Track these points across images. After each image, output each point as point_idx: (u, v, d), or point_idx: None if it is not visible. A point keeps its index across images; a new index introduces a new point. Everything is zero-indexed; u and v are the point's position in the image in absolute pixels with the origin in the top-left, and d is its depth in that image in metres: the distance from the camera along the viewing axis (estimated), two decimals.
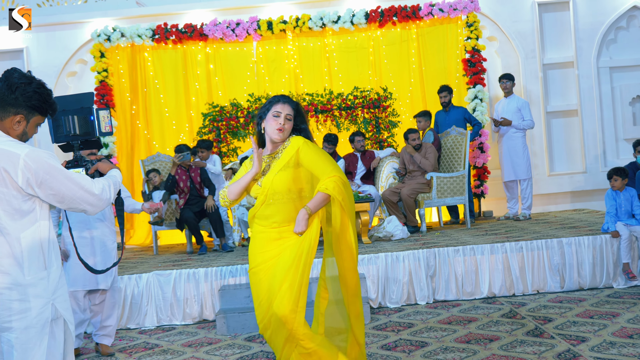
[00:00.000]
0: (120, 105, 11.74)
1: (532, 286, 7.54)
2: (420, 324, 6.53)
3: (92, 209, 3.22)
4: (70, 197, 3.10)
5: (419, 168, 9.78)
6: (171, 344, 6.63)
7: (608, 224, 7.66)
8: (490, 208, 11.78)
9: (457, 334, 6.00)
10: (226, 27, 11.51)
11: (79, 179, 3.13)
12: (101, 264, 6.22)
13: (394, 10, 11.47)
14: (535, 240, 7.63)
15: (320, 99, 11.05)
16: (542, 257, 7.55)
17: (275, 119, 4.19)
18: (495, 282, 7.52)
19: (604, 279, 7.54)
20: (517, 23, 12.19)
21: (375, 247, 8.24)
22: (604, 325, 5.88)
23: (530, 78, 12.19)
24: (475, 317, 6.59)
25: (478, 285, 7.54)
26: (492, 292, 7.51)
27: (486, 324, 6.27)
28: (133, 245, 11.67)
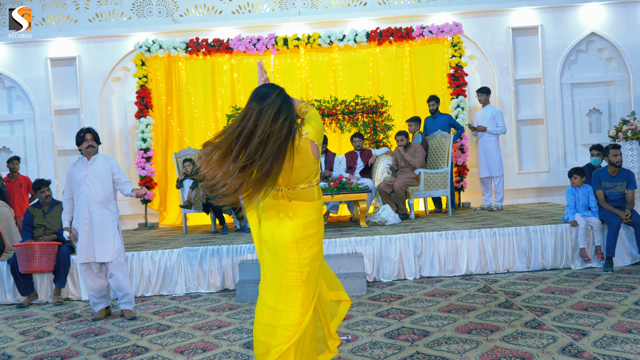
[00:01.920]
0: (157, 106, 11.74)
1: (503, 266, 7.55)
2: (409, 296, 6.54)
3: None
4: None
5: (409, 165, 9.78)
6: (197, 308, 6.66)
7: (568, 215, 7.67)
8: (468, 200, 11.81)
9: (440, 305, 6.01)
10: (248, 42, 11.52)
11: None
12: (100, 240, 6.24)
13: (391, 31, 11.45)
14: (507, 227, 7.63)
15: (327, 104, 11.04)
16: (512, 242, 7.56)
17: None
18: (472, 262, 7.54)
19: (563, 261, 7.55)
20: (493, 44, 12.18)
21: (371, 230, 8.25)
22: (564, 300, 5.89)
23: (504, 91, 12.17)
24: (455, 291, 6.60)
25: (457, 264, 7.56)
26: (469, 270, 7.53)
27: (464, 297, 6.29)
28: (166, 225, 11.71)
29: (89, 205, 6.25)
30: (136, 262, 7.59)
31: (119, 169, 6.45)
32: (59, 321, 6.51)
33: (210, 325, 5.84)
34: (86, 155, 6.37)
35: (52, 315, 6.80)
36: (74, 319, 6.60)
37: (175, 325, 5.96)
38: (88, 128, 6.41)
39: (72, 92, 12.38)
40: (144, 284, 7.60)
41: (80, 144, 6.34)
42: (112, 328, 6.05)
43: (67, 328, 6.17)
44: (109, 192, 6.37)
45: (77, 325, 6.25)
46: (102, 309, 6.54)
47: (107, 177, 6.36)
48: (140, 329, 5.93)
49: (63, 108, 12.35)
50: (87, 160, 6.36)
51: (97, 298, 6.48)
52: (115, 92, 12.46)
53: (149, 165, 11.32)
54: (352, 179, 9.82)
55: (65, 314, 6.84)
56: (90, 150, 6.36)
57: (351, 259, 7.20)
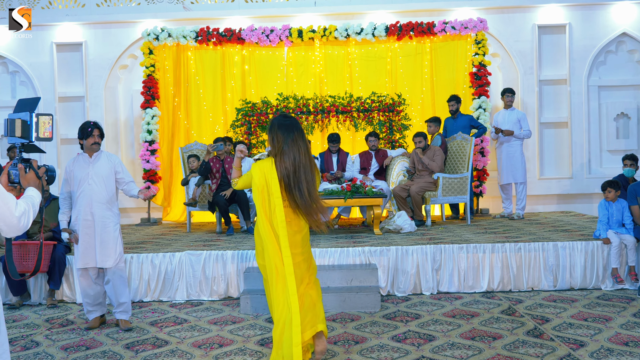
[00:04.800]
0: (164, 97, 11.29)
1: (527, 284, 7.03)
2: (426, 315, 6.03)
3: (7, 230, 2.75)
4: None
5: (427, 168, 9.28)
6: (198, 319, 6.18)
7: (600, 231, 7.12)
8: (486, 206, 11.27)
9: (461, 329, 5.49)
10: (261, 33, 11.02)
11: (7, 197, 2.72)
12: (102, 244, 5.78)
13: (411, 26, 10.94)
14: (533, 242, 7.10)
15: (341, 101, 10.55)
16: (538, 258, 7.02)
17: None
18: (494, 278, 7.01)
19: (593, 281, 7.01)
20: (518, 42, 11.62)
21: (386, 239, 7.74)
22: (599, 330, 5.35)
23: (528, 92, 11.62)
24: (477, 312, 6.08)
25: (478, 280, 7.03)
26: (491, 287, 7.00)
27: (487, 320, 5.76)
28: (169, 221, 11.28)
29: (91, 206, 5.77)
30: (135, 265, 7.12)
31: (122, 168, 5.96)
32: (50, 328, 6.04)
33: (211, 343, 5.36)
34: (89, 151, 5.87)
35: (44, 321, 6.34)
36: (66, 326, 6.13)
37: (173, 340, 5.47)
38: (95, 122, 5.89)
39: (78, 79, 11.91)
40: (143, 288, 7.12)
41: (85, 138, 5.83)
42: (105, 340, 5.57)
43: (58, 338, 5.70)
44: (112, 193, 5.89)
45: (69, 335, 5.78)
46: (96, 317, 6.06)
47: (110, 176, 5.88)
48: (135, 343, 5.45)
49: (68, 95, 11.89)
50: (89, 157, 5.87)
51: (92, 305, 6.00)
52: (122, 80, 12.00)
53: (153, 158, 10.86)
54: (366, 181, 9.32)
55: (58, 319, 6.38)
56: (95, 147, 5.86)
57: (365, 271, 6.70)
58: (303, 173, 4.39)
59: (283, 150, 4.38)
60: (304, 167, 4.40)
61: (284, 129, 4.42)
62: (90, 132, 5.80)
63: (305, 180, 4.39)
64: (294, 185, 4.36)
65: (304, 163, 4.41)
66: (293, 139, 4.40)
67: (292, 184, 4.36)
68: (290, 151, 4.37)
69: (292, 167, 4.36)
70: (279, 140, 4.41)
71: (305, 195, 4.36)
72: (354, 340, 5.28)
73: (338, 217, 9.80)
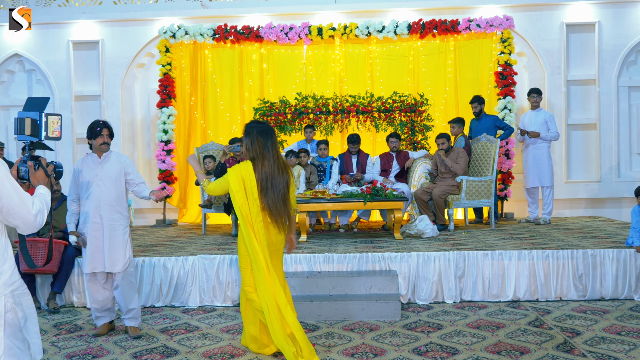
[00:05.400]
0: (180, 96, 11.08)
1: (555, 293, 6.69)
2: (449, 326, 5.75)
3: (23, 227, 2.82)
4: (9, 210, 2.73)
5: (450, 171, 8.99)
6: (210, 327, 5.95)
7: (633, 238, 6.76)
8: (511, 210, 10.93)
9: (486, 342, 5.19)
10: (280, 30, 10.78)
11: (25, 196, 2.79)
12: (110, 248, 5.56)
13: (435, 24, 10.63)
14: (561, 249, 6.77)
15: (362, 101, 10.26)
16: (567, 266, 6.69)
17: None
18: (521, 287, 6.70)
19: (625, 291, 6.65)
20: (545, 41, 11.27)
21: (407, 244, 7.46)
22: (634, 345, 5.03)
23: (555, 92, 11.26)
24: (503, 323, 5.78)
25: (504, 289, 6.72)
26: (517, 296, 6.69)
27: (514, 333, 5.46)
28: (185, 222, 11.07)
29: (99, 208, 5.55)
30: (147, 269, 6.91)
31: (132, 169, 5.74)
32: (57, 334, 5.85)
33: (223, 353, 5.12)
34: (98, 152, 5.66)
35: (51, 326, 6.14)
36: (74, 332, 5.93)
37: (182, 350, 5.24)
38: (104, 122, 5.67)
39: (94, 77, 11.75)
40: (155, 293, 6.91)
41: (94, 138, 5.62)
42: (112, 349, 5.36)
43: (64, 345, 5.50)
44: (121, 194, 5.67)
45: (76, 342, 5.58)
46: (105, 323, 5.85)
47: (120, 177, 5.66)
48: (143, 352, 5.23)
49: (84, 94, 11.73)
50: (98, 157, 5.66)
51: (100, 311, 5.79)
52: (139, 79, 11.83)
53: (169, 158, 10.67)
54: (387, 183, 9.04)
55: (66, 325, 6.19)
56: (104, 148, 5.64)
57: (384, 278, 6.42)
58: (279, 175, 4.73)
59: (263, 154, 4.71)
60: (281, 170, 4.75)
61: (264, 134, 4.74)
62: (99, 132, 5.59)
63: (281, 183, 4.73)
64: (271, 187, 4.69)
65: (280, 166, 4.76)
66: (272, 143, 4.75)
67: (268, 186, 4.68)
68: (270, 155, 4.72)
69: (271, 170, 4.70)
70: (259, 145, 4.72)
71: (279, 198, 4.70)
72: (372, 353, 5.01)
73: (357, 220, 9.53)
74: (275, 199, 4.69)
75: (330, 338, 5.46)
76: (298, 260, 6.83)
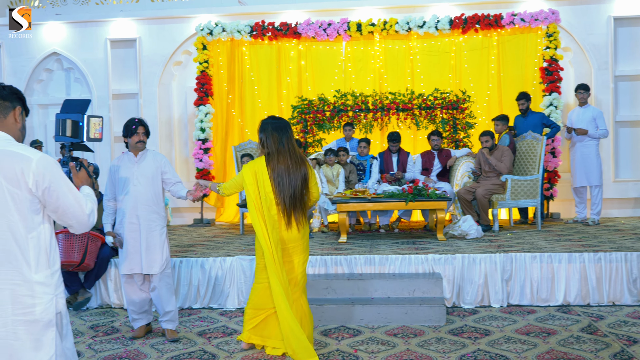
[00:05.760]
0: (217, 94, 10.98)
1: (608, 297, 6.40)
2: (497, 331, 5.51)
3: (77, 227, 2.90)
4: (65, 209, 2.80)
5: (494, 170, 8.72)
6: None
7: None
8: (557, 209, 10.60)
9: (538, 350, 4.95)
10: (318, 26, 10.60)
11: (80, 196, 2.87)
12: (147, 249, 5.45)
13: (477, 18, 10.36)
14: (615, 252, 6.47)
15: (402, 98, 10.04)
16: (620, 269, 6.39)
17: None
18: (571, 291, 6.42)
19: None
20: (591, 35, 10.90)
21: (450, 246, 7.23)
22: None
23: (602, 88, 10.89)
24: (554, 330, 5.52)
25: (553, 293, 6.45)
26: (567, 300, 6.42)
27: (567, 340, 5.20)
28: (222, 222, 10.97)
29: (136, 208, 5.44)
30: (184, 270, 6.80)
31: (169, 168, 5.62)
32: (94, 337, 5.76)
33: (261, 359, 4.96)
34: (134, 150, 5.55)
35: (88, 328, 6.07)
36: (110, 334, 5.84)
37: (221, 355, 5.10)
38: (140, 120, 5.56)
39: (131, 75, 11.73)
40: (192, 294, 6.80)
41: (129, 136, 5.50)
42: (149, 352, 5.24)
43: (101, 348, 5.40)
44: (158, 194, 5.55)
45: (112, 345, 5.48)
46: (142, 325, 5.74)
47: (157, 176, 5.54)
48: (181, 356, 5.10)
49: (122, 92, 11.71)
50: (134, 156, 5.55)
51: (137, 314, 5.69)
52: (176, 77, 11.77)
53: (206, 157, 10.58)
54: (429, 182, 8.81)
55: (103, 327, 6.11)
56: (140, 146, 5.52)
57: (428, 281, 6.21)
58: (296, 171, 4.74)
59: (278, 149, 4.74)
60: (297, 165, 4.76)
61: (279, 130, 4.77)
62: (134, 130, 5.48)
63: (298, 178, 4.76)
64: (287, 182, 4.72)
65: (297, 161, 4.78)
66: (288, 138, 4.76)
67: (284, 182, 4.71)
68: (285, 150, 4.74)
69: (286, 165, 4.72)
70: (274, 141, 4.74)
71: (293, 193, 4.73)
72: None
73: (398, 220, 9.31)
74: (289, 195, 4.72)
75: (374, 344, 5.27)
76: (339, 262, 6.65)
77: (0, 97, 2.84)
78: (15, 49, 11.75)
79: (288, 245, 4.84)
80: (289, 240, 4.83)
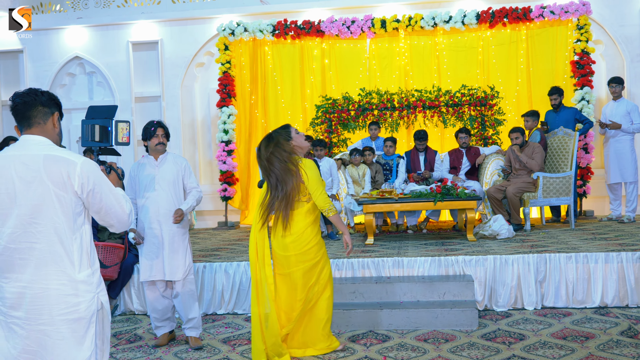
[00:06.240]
0: (240, 95, 10.88)
1: None
2: (532, 335, 5.32)
3: (118, 226, 3.00)
4: (107, 210, 2.92)
5: (525, 167, 8.51)
6: None
7: None
8: (590, 207, 10.33)
9: (576, 355, 4.75)
10: (342, 24, 10.45)
11: (120, 196, 2.98)
12: (170, 255, 5.34)
13: (505, 12, 10.13)
14: None
15: (429, 95, 9.85)
16: None
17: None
18: (609, 292, 6.19)
19: None
20: (623, 27, 10.62)
21: (481, 246, 7.04)
22: None
23: (635, 81, 10.59)
24: (592, 333, 5.32)
25: (589, 294, 6.23)
26: (604, 302, 6.19)
27: (606, 344, 5.00)
28: (247, 224, 10.84)
29: (158, 213, 5.34)
30: (208, 274, 6.70)
31: (190, 172, 5.53)
32: (117, 345, 5.68)
33: None
34: (154, 153, 5.46)
35: (112, 335, 5.97)
36: (133, 342, 5.76)
37: None
38: (159, 122, 5.48)
39: (154, 78, 11.68)
40: (217, 300, 6.69)
41: (148, 139, 5.42)
42: None
43: (123, 357, 5.32)
44: (180, 198, 5.45)
45: (135, 354, 5.40)
46: (165, 333, 5.64)
47: (178, 180, 5.44)
48: None
49: (144, 95, 11.67)
50: (155, 159, 5.45)
51: (160, 321, 5.59)
52: (199, 79, 11.70)
53: (230, 159, 10.49)
54: (457, 181, 8.63)
55: (126, 334, 6.03)
56: (160, 148, 5.44)
57: (459, 283, 6.03)
58: (288, 177, 4.83)
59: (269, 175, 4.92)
60: (290, 172, 4.86)
61: (263, 144, 4.99)
62: (153, 132, 5.39)
63: (290, 183, 4.82)
64: (280, 189, 4.84)
65: (289, 168, 4.86)
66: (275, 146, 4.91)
67: (278, 188, 4.85)
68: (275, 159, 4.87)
69: (279, 172, 4.84)
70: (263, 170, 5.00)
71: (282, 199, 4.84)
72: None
73: (426, 221, 9.14)
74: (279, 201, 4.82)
75: (403, 350, 5.11)
76: (366, 265, 6.50)
77: (40, 104, 2.92)
78: (37, 54, 11.77)
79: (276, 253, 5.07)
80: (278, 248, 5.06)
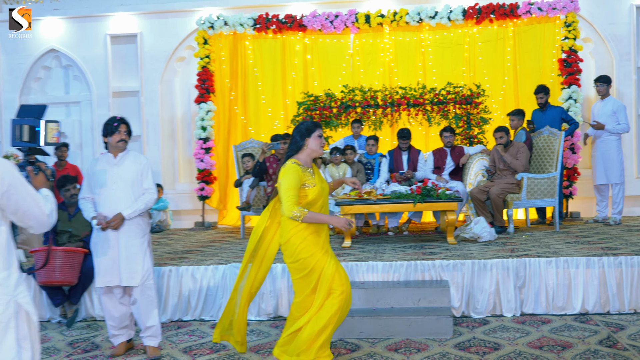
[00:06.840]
0: (220, 91, 10.68)
1: (630, 305, 6.00)
2: (507, 345, 5.14)
3: (37, 227, 2.90)
4: (25, 211, 2.79)
5: (509, 167, 8.35)
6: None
7: None
8: (577, 209, 10.18)
9: None
10: (325, 18, 10.26)
11: (38, 197, 2.87)
12: (127, 259, 5.09)
13: (492, 8, 9.96)
14: (637, 255, 6.08)
15: (413, 92, 9.70)
16: None
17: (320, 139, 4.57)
18: (589, 298, 6.03)
19: None
20: (612, 25, 10.48)
21: (461, 250, 6.87)
22: None
23: (624, 81, 10.46)
24: (570, 342, 5.14)
25: (570, 301, 6.06)
26: (585, 308, 6.03)
27: (583, 354, 4.81)
28: (225, 225, 10.68)
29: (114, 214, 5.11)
30: (174, 279, 6.49)
31: (147, 172, 5.24)
32: (70, 354, 5.44)
33: None
34: (114, 150, 5.22)
35: (67, 344, 5.74)
36: (89, 351, 5.53)
37: None
38: (122, 117, 5.26)
39: (132, 72, 11.47)
40: (183, 305, 6.47)
41: (109, 135, 5.18)
42: None
43: None
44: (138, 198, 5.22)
45: None
46: (122, 342, 5.40)
47: (137, 179, 5.18)
48: None
49: (122, 90, 11.47)
50: (114, 157, 5.22)
51: (117, 329, 5.35)
52: (179, 74, 11.50)
53: (208, 157, 10.30)
54: (440, 181, 8.45)
55: (83, 343, 5.80)
56: (121, 145, 5.20)
57: (434, 289, 5.85)
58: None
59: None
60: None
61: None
62: (116, 128, 5.16)
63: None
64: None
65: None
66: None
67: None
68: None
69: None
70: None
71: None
72: None
73: (408, 222, 8.97)
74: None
75: None
76: None
77: None
78: (11, 46, 11.52)
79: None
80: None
